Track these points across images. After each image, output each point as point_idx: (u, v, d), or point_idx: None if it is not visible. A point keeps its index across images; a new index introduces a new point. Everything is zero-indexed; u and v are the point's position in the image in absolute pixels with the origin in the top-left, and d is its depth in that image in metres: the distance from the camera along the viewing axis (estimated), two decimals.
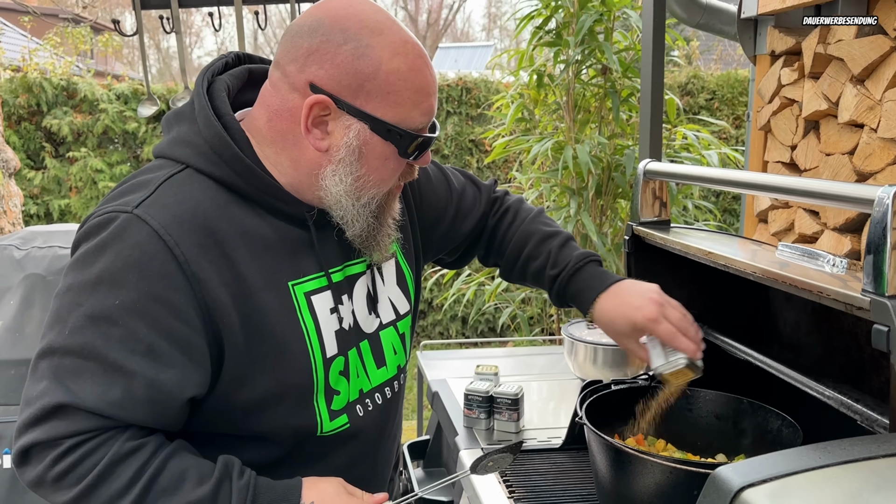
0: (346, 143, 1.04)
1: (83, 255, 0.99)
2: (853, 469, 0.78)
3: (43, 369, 0.97)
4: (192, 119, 1.07)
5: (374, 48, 1.01)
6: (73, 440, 0.96)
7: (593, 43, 3.52)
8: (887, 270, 0.88)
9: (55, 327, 0.97)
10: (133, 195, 1.02)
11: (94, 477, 0.96)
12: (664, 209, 1.64)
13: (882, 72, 1.60)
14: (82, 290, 0.97)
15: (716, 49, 11.07)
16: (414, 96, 1.04)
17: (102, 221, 1.00)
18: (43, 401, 0.95)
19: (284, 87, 1.05)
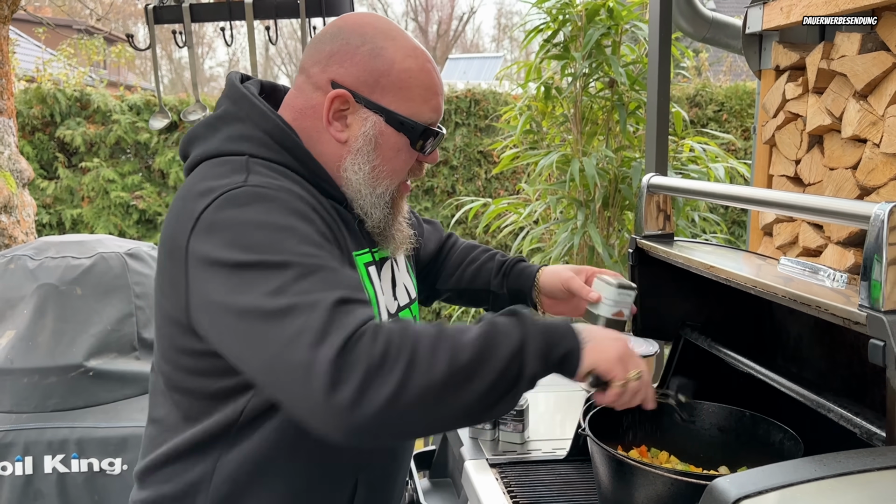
0: (364, 134, 1.14)
1: (228, 231, 1.00)
2: (849, 482, 0.80)
3: (285, 304, 0.93)
4: (241, 118, 1.14)
5: (388, 49, 1.13)
6: (366, 326, 0.93)
7: (600, 56, 3.55)
8: (883, 286, 0.90)
9: (257, 280, 0.95)
10: (226, 180, 1.05)
11: (411, 338, 0.93)
12: (668, 223, 1.66)
13: (885, 88, 1.62)
14: (260, 247, 0.98)
15: (725, 61, 11.08)
16: (423, 93, 1.15)
17: (225, 200, 1.02)
18: (317, 312, 0.92)
19: (308, 88, 1.16)
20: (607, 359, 1.06)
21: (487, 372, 0.94)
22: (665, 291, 1.67)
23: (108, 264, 2.23)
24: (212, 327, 1.01)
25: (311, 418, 0.92)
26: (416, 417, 0.92)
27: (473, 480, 1.56)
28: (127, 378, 2.16)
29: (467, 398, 0.93)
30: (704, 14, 2.93)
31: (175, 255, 1.05)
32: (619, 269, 3.44)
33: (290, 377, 0.91)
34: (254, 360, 0.96)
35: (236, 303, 0.96)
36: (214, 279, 0.98)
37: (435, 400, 0.91)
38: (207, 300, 1.00)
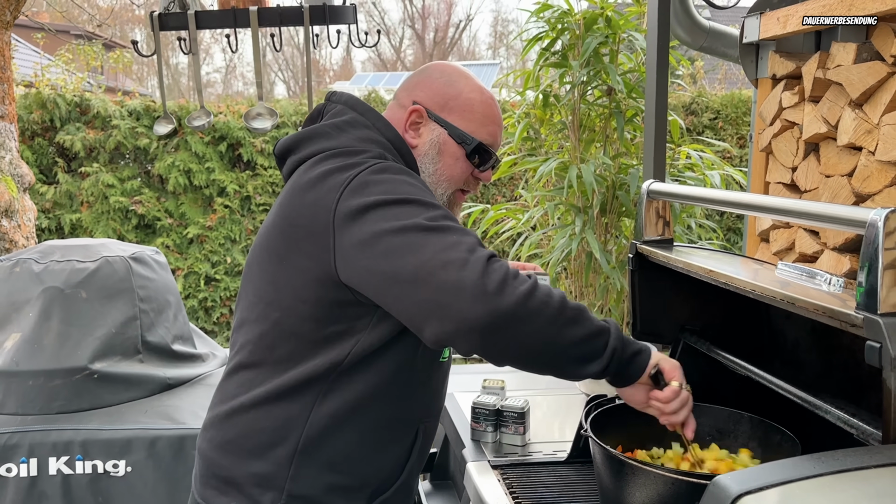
0: (431, 141, 1.41)
1: (389, 184, 1.22)
2: (846, 478, 0.82)
3: (442, 224, 1.16)
4: (368, 126, 1.38)
5: (459, 83, 1.43)
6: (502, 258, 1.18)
7: (598, 64, 3.58)
8: (879, 289, 0.93)
9: (416, 209, 1.18)
10: (370, 161, 1.28)
11: (532, 279, 1.14)
12: (667, 228, 1.68)
13: (880, 96, 1.65)
14: (413, 195, 1.21)
15: (720, 69, 11.14)
16: (482, 118, 1.42)
17: (376, 169, 1.24)
18: (469, 236, 1.16)
19: (396, 108, 1.45)
20: (669, 361, 1.28)
21: (585, 327, 1.15)
22: (664, 296, 1.70)
23: (112, 268, 2.25)
24: (363, 260, 1.17)
25: (456, 300, 1.08)
26: (536, 324, 1.10)
27: (476, 482, 1.58)
28: (131, 381, 2.18)
29: (569, 337, 1.13)
30: (702, 24, 2.97)
31: (319, 214, 1.23)
32: (616, 275, 3.47)
33: (446, 270, 1.10)
34: (409, 264, 1.13)
35: (394, 225, 1.15)
36: (371, 217, 1.17)
37: (550, 319, 1.11)
38: (363, 236, 1.17)
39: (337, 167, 1.27)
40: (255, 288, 1.37)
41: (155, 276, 2.36)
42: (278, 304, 1.31)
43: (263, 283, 1.35)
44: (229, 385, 1.39)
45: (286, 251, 1.30)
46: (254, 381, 1.34)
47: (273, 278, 1.33)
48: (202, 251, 6.38)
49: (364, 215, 1.18)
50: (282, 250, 1.31)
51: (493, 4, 40.67)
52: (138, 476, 2.06)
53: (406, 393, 1.36)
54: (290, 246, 1.29)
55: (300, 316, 1.29)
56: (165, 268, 2.46)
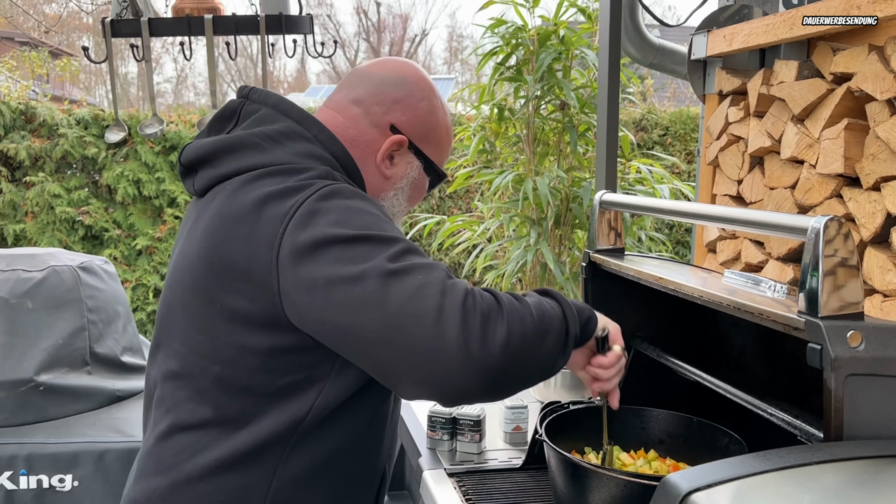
0: (407, 175, 1.31)
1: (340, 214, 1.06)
2: (790, 474, 0.86)
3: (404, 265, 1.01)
4: (308, 138, 1.20)
5: (438, 110, 1.32)
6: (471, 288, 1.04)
7: (552, 79, 3.65)
8: (820, 294, 0.97)
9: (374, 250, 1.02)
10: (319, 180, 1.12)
11: (499, 297, 1.04)
12: (619, 238, 1.72)
13: (820, 112, 1.72)
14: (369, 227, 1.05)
15: (669, 87, 11.44)
16: (447, 148, 1.37)
17: (327, 192, 1.08)
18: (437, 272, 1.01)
19: (365, 123, 1.27)
20: (614, 326, 1.27)
21: (553, 329, 1.07)
22: (616, 304, 1.74)
23: (60, 277, 2.20)
24: (315, 307, 1.01)
25: (436, 365, 0.95)
26: (522, 363, 1.01)
27: (432, 490, 1.58)
28: (79, 393, 2.13)
29: (547, 349, 1.05)
30: (651, 41, 3.05)
31: (257, 251, 1.05)
32: (570, 286, 3.52)
33: (418, 325, 0.95)
34: (373, 321, 0.97)
35: (351, 272, 0.99)
36: (323, 258, 1.01)
37: (530, 348, 1.02)
38: (314, 280, 1.00)
39: (276, 191, 1.07)
40: (182, 336, 1.15)
41: (104, 286, 2.32)
42: (217, 356, 1.11)
43: (193, 332, 1.13)
44: (165, 451, 1.15)
45: (218, 293, 1.09)
46: (197, 446, 1.12)
47: (205, 325, 1.12)
48: (151, 263, 6.26)
49: (314, 254, 1.01)
50: (213, 291, 1.10)
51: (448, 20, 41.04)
52: (86, 491, 2.01)
53: (377, 441, 1.23)
54: (223, 286, 1.08)
55: (247, 367, 1.09)
56: (115, 278, 2.42)
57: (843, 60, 1.65)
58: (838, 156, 1.65)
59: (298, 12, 2.76)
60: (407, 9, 35.82)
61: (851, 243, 0.98)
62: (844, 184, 1.67)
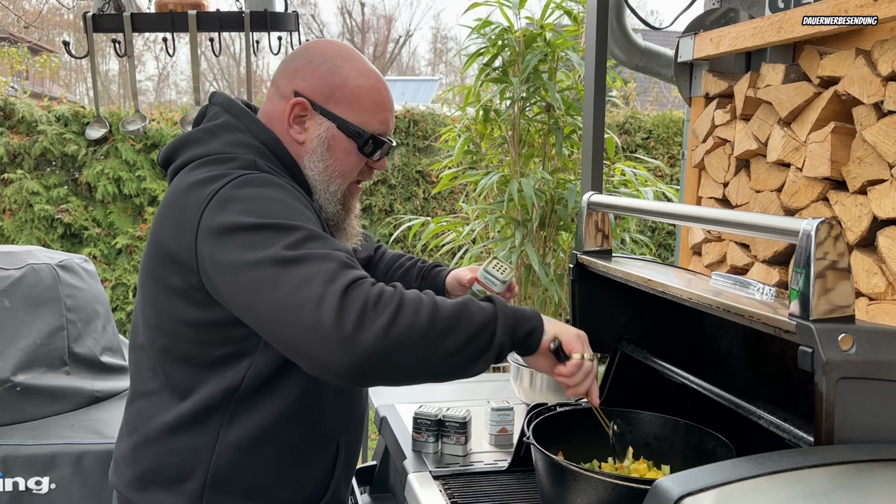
0: (318, 136, 1.32)
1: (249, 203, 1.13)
2: (782, 479, 0.85)
3: (299, 254, 1.07)
4: (241, 128, 1.30)
5: (344, 69, 1.32)
6: (367, 278, 1.08)
7: (538, 81, 3.65)
8: (811, 296, 0.96)
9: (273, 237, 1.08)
10: (238, 169, 1.21)
11: (399, 292, 1.07)
12: (606, 240, 1.72)
13: (806, 115, 1.73)
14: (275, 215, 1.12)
15: (652, 91, 11.50)
16: (372, 107, 1.34)
17: (242, 181, 1.17)
18: (329, 262, 1.06)
19: (276, 97, 1.35)
20: (568, 333, 1.24)
21: (462, 331, 1.08)
22: (603, 305, 1.73)
23: (38, 276, 2.15)
24: (225, 287, 1.11)
25: (316, 347, 1.02)
26: (403, 354, 1.04)
27: (417, 493, 1.57)
28: (57, 393, 2.09)
29: (445, 348, 1.07)
30: (637, 44, 3.05)
31: (183, 232, 1.16)
32: (555, 287, 3.52)
33: (301, 310, 1.02)
34: (266, 303, 1.05)
35: (252, 257, 1.07)
36: (230, 242, 1.10)
37: (418, 342, 1.04)
38: (222, 263, 1.10)
39: (201, 180, 1.19)
40: (141, 311, 1.30)
41: (83, 284, 2.28)
42: (162, 328, 1.25)
43: (146, 307, 1.28)
44: (130, 415, 1.33)
45: (160, 271, 1.23)
46: (151, 410, 1.28)
47: (153, 301, 1.26)
48: (131, 262, 6.19)
49: (223, 239, 1.11)
50: (157, 270, 1.24)
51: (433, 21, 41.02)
52: (63, 493, 1.97)
53: (317, 411, 1.30)
54: (162, 266, 1.22)
55: (186, 340, 1.23)
56: (94, 276, 2.38)
57: (829, 64, 1.65)
58: (825, 159, 1.65)
59: (284, 9, 2.73)
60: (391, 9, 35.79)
61: (842, 246, 0.98)
62: (831, 187, 1.68)
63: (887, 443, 0.96)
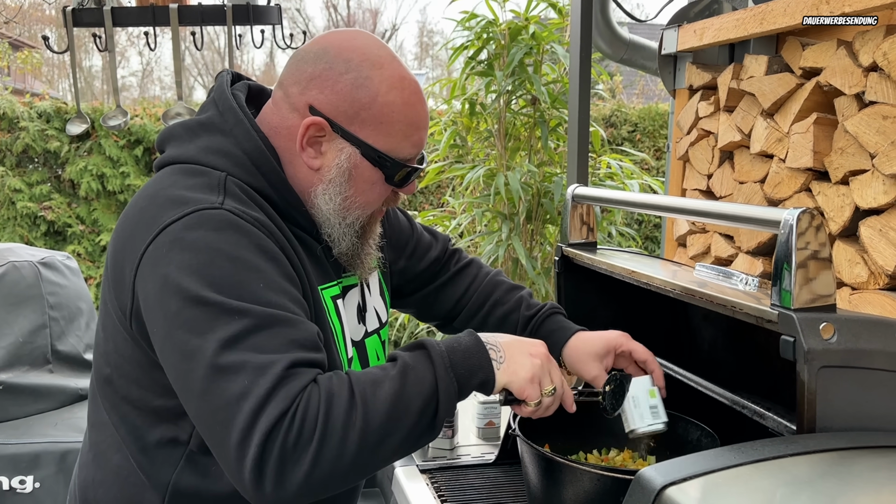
0: (338, 165, 1.10)
1: (197, 255, 0.96)
2: (764, 467, 0.85)
3: (234, 360, 0.91)
4: (224, 131, 1.10)
5: (373, 80, 1.08)
6: (301, 395, 0.92)
7: (523, 74, 3.65)
8: (793, 286, 0.97)
9: (213, 323, 0.93)
10: (200, 195, 1.02)
11: (324, 415, 0.91)
12: (591, 232, 1.72)
13: (789, 106, 1.73)
14: (222, 283, 0.95)
15: (638, 84, 11.53)
16: (405, 129, 1.11)
17: (198, 218, 0.99)
18: (265, 378, 0.90)
19: (285, 107, 1.12)
20: (521, 379, 1.08)
21: (401, 427, 0.96)
22: (588, 298, 1.73)
23: (20, 273, 2.13)
24: (156, 344, 0.98)
25: (238, 485, 0.92)
26: (334, 482, 0.93)
27: (404, 487, 1.56)
28: (40, 392, 2.07)
29: (384, 452, 0.96)
30: (622, 36, 3.06)
31: (127, 257, 1.02)
32: (542, 280, 3.52)
33: (223, 441, 0.90)
34: (191, 402, 0.94)
35: (187, 341, 0.93)
36: (169, 301, 0.95)
37: (350, 465, 0.93)
38: (156, 318, 0.97)
39: (162, 200, 1.02)
40: (97, 329, 1.15)
41: (66, 282, 2.26)
42: (107, 357, 1.10)
43: (99, 327, 1.12)
44: (86, 444, 1.19)
45: (108, 290, 1.07)
46: (100, 445, 1.13)
47: (103, 322, 1.10)
48: None
49: (159, 295, 0.96)
50: (107, 289, 1.08)
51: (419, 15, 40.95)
52: (47, 492, 1.96)
53: None
54: (110, 285, 1.06)
55: (127, 377, 1.07)
56: (77, 274, 2.36)
57: (812, 55, 1.66)
58: (807, 150, 1.66)
59: (266, 2, 2.71)
60: (377, 3, 35.73)
61: (823, 235, 0.98)
62: (813, 178, 1.69)
63: (868, 430, 0.96)
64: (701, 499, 0.81)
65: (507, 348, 1.08)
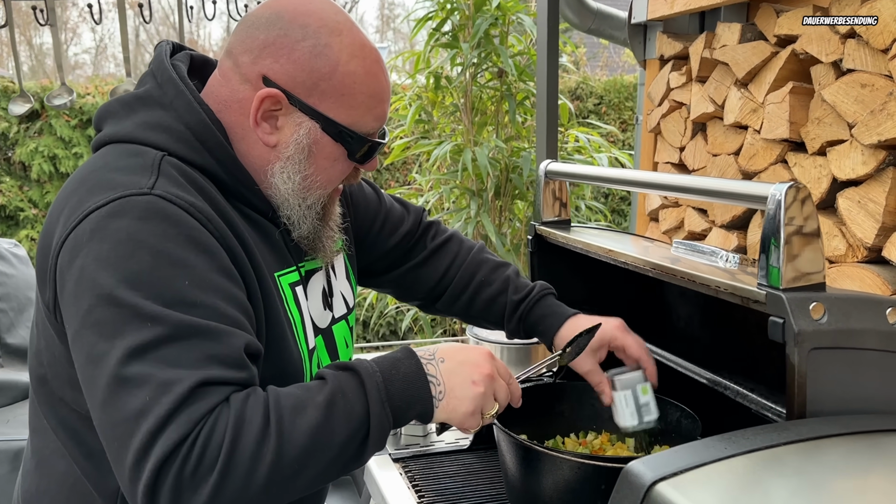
0: (296, 141, 1.03)
1: (116, 246, 0.88)
2: (757, 457, 0.81)
3: (140, 373, 0.83)
4: (164, 104, 1.01)
5: (332, 48, 1.01)
6: (207, 418, 0.84)
7: (489, 46, 3.56)
8: (781, 265, 0.92)
9: (123, 327, 0.85)
10: (130, 178, 0.93)
11: (230, 443, 0.83)
12: (564, 209, 1.67)
13: (764, 76, 1.69)
14: (140, 281, 0.87)
15: (601, 56, 11.48)
16: (368, 100, 1.04)
17: (122, 205, 0.90)
18: (169, 396, 0.82)
19: (235, 78, 1.03)
20: (461, 415, 1.00)
21: (320, 460, 0.89)
22: (563, 277, 1.68)
23: None
24: (69, 339, 0.91)
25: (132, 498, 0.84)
26: None
27: (376, 476, 1.51)
28: None
29: (300, 484, 0.88)
30: (590, 6, 2.99)
31: (50, 244, 0.94)
32: (512, 258, 3.48)
33: (121, 457, 0.83)
34: (94, 412, 0.87)
35: (94, 344, 0.86)
36: (82, 297, 0.88)
37: (258, 498, 0.85)
38: (70, 312, 0.90)
39: (91, 185, 0.94)
40: (32, 322, 1.08)
41: (14, 271, 2.15)
42: (39, 356, 1.02)
43: (33, 321, 1.05)
44: (28, 450, 1.11)
45: (38, 281, 1.00)
46: (43, 453, 1.06)
47: (36, 316, 1.03)
48: None
49: (75, 289, 0.88)
50: (38, 280, 1.01)
51: None
52: (1, 492, 1.87)
53: None
54: (38, 274, 1.00)
55: (60, 377, 0.99)
56: (26, 262, 2.24)
57: (786, 22, 1.61)
58: (783, 120, 1.62)
59: None
60: None
61: (811, 210, 0.93)
62: (789, 149, 1.65)
63: (859, 413, 0.93)
64: (693, 494, 0.76)
65: (448, 378, 0.99)
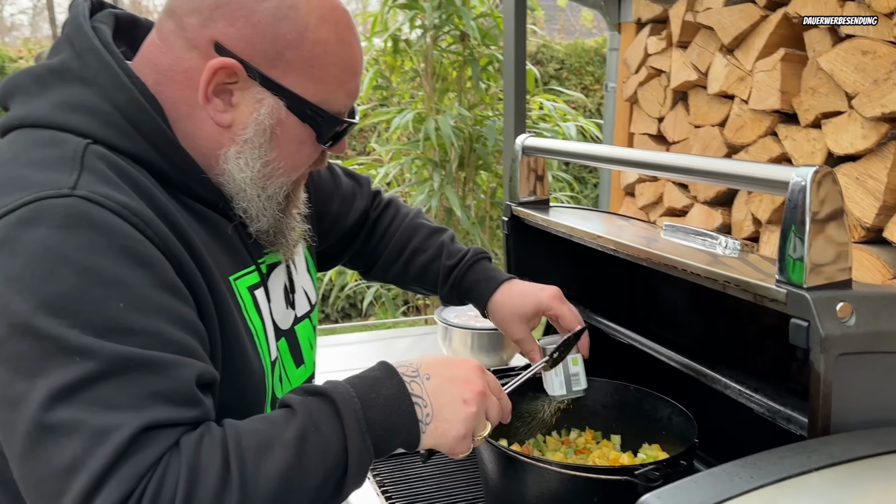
0: (256, 121, 0.86)
1: (31, 263, 0.72)
2: (789, 487, 0.71)
3: (68, 419, 0.69)
4: (85, 78, 0.83)
5: (299, 10, 0.84)
6: (153, 470, 0.71)
7: (451, 7, 3.39)
8: (806, 260, 0.81)
9: (45, 362, 0.70)
10: (48, 175, 0.76)
11: (183, 499, 0.70)
12: (542, 187, 1.54)
13: (752, 41, 1.58)
14: (63, 305, 0.71)
15: (559, 18, 11.30)
16: (340, 73, 0.89)
17: (38, 210, 0.73)
18: (104, 447, 0.69)
19: (179, 44, 0.85)
20: (451, 440, 0.87)
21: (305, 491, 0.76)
22: (540, 260, 1.57)
23: None
24: None
25: None
26: None
27: None
28: None
29: None
30: None
31: None
32: (477, 231, 3.35)
33: None
34: (14, 464, 0.72)
35: (10, 383, 0.70)
36: None
37: None
38: None
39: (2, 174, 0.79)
40: None
41: None
42: None
43: None
44: None
45: None
46: None
47: None
48: None
49: None
50: None
51: None
52: None
53: None
54: None
55: None
56: None
57: None
58: (774, 90, 1.51)
59: None
60: None
61: (838, 199, 0.82)
62: (780, 121, 1.54)
63: (890, 424, 0.83)
64: None
65: (436, 398, 0.86)
